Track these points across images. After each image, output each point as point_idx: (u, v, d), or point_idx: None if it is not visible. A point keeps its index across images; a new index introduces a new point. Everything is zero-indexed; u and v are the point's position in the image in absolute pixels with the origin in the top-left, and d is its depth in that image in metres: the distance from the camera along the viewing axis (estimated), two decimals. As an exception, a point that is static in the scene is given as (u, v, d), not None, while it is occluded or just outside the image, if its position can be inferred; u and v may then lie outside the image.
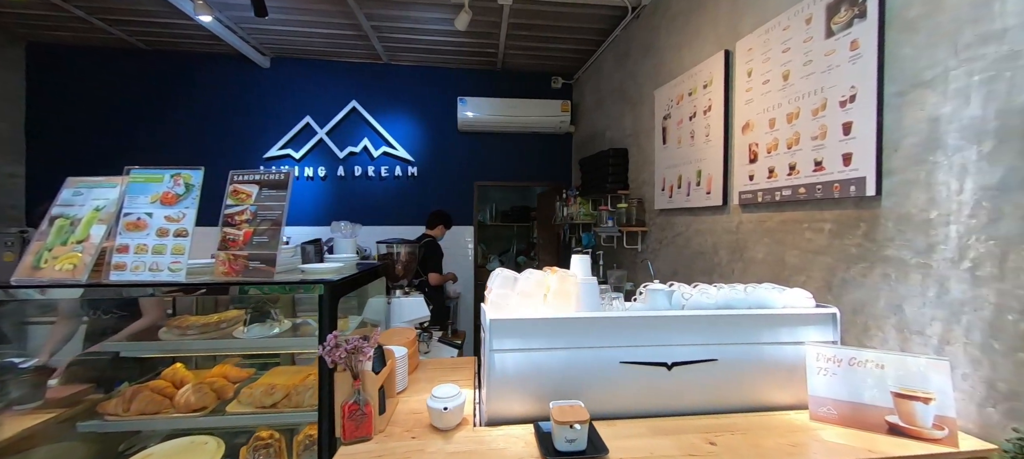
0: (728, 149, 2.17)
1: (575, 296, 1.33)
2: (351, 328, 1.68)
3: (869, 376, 1.22)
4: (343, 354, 1.15)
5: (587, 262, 1.47)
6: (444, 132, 4.65)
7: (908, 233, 1.34)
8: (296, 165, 4.47)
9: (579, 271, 1.44)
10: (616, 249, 3.55)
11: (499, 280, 1.36)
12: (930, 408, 1.14)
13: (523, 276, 1.37)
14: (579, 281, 1.33)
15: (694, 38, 2.49)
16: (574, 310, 1.32)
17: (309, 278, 1.30)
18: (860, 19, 1.46)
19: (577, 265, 1.47)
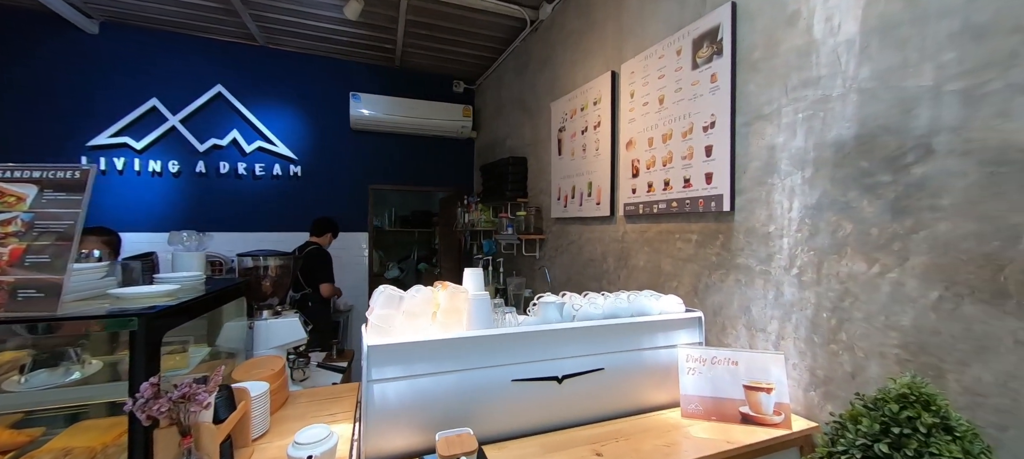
0: (615, 163, 2.32)
1: (466, 313, 1.25)
2: (193, 364, 1.36)
3: (726, 372, 1.37)
4: (166, 406, 0.90)
5: (480, 276, 1.41)
6: (334, 129, 4.23)
7: (754, 244, 1.55)
8: (136, 157, 3.63)
9: (471, 286, 1.37)
10: (516, 256, 3.59)
11: (382, 299, 1.21)
12: (771, 397, 1.31)
13: (409, 294, 1.24)
14: (471, 297, 1.25)
15: (586, 57, 2.63)
16: (465, 328, 1.24)
17: (119, 309, 0.99)
18: (718, 56, 1.66)
19: (469, 279, 1.40)
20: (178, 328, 1.15)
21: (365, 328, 1.22)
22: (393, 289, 1.29)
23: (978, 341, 1.00)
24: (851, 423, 0.92)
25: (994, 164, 0.98)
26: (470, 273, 1.41)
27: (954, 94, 1.05)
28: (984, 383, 0.99)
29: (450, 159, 4.71)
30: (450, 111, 4.39)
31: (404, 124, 4.26)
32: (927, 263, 1.09)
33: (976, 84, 1.01)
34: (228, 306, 1.61)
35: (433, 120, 4.32)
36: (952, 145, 1.05)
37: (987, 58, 1.00)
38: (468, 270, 1.41)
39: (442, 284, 1.36)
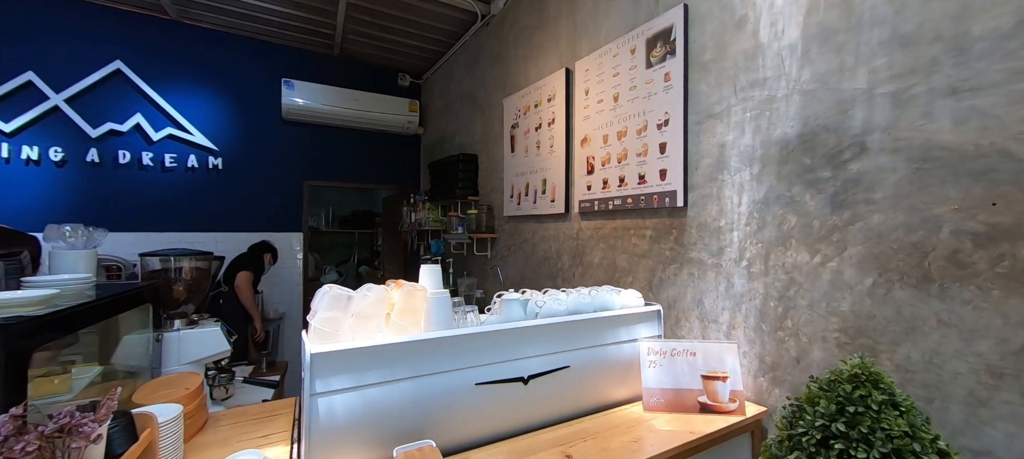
0: (569, 160, 2.31)
1: (424, 313, 1.14)
2: (78, 388, 1.10)
3: (685, 364, 1.39)
4: (35, 444, 0.69)
5: (437, 273, 1.30)
6: (263, 119, 3.82)
7: (706, 238, 1.60)
8: (4, 141, 2.99)
9: (428, 283, 1.26)
10: (466, 256, 3.48)
11: (327, 300, 1.06)
12: (727, 385, 1.35)
13: (359, 293, 1.10)
14: (429, 295, 1.14)
15: (539, 53, 2.61)
16: (423, 329, 1.13)
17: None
18: (671, 56, 1.71)
19: (426, 277, 1.28)
20: (56, 344, 0.91)
21: (306, 334, 1.07)
22: (339, 289, 1.14)
23: (907, 323, 1.10)
24: (809, 405, 0.95)
25: (919, 161, 1.08)
26: (427, 270, 1.29)
27: (885, 96, 1.15)
28: (913, 361, 1.09)
29: (395, 156, 4.48)
30: (395, 105, 4.17)
31: (345, 116, 3.96)
32: (863, 252, 1.18)
33: (904, 88, 1.11)
34: (127, 316, 1.34)
35: (377, 114, 4.07)
36: (883, 143, 1.15)
37: (912, 64, 1.10)
38: (425, 267, 1.30)
39: (396, 282, 1.24)
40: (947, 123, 1.04)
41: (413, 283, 1.27)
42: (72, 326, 0.91)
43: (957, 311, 1.02)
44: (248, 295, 3.03)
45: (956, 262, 1.02)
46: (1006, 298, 0.95)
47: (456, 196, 3.29)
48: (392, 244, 5.09)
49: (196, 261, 1.61)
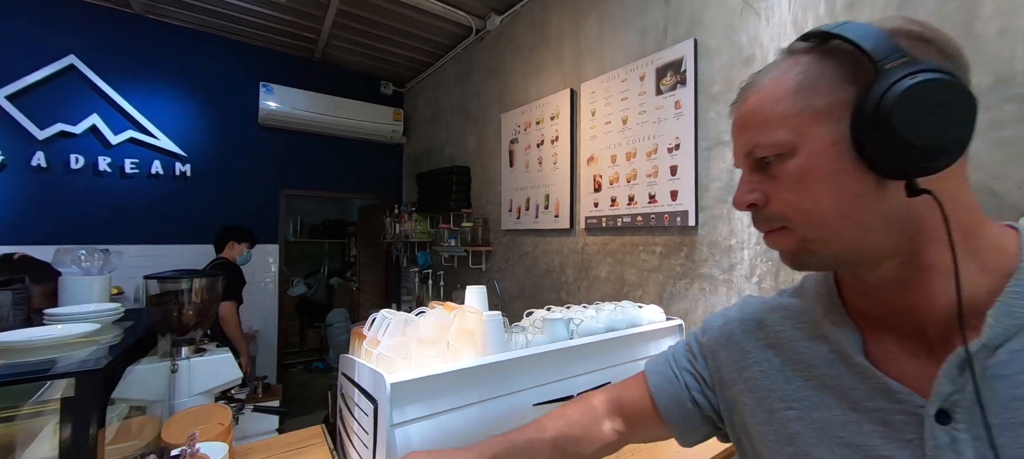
0: (574, 178, 2.39)
1: (480, 335, 1.15)
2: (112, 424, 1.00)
3: (709, 374, 1.49)
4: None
5: (484, 294, 1.32)
6: (238, 124, 3.60)
7: (717, 256, 1.73)
8: (-74, 143, 2.61)
9: (478, 304, 1.27)
10: (458, 269, 3.47)
11: (390, 325, 1.05)
12: (746, 393, 1.46)
13: (418, 318, 1.10)
14: (485, 318, 1.16)
15: (539, 71, 2.69)
16: (480, 351, 1.14)
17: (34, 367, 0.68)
18: (682, 85, 1.84)
19: (474, 298, 1.30)
20: (101, 385, 0.84)
21: (364, 360, 1.05)
22: (393, 313, 1.13)
23: (906, 332, 1.26)
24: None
25: (914, 192, 1.25)
26: (474, 291, 1.31)
27: (883, 135, 1.31)
28: (912, 366, 1.25)
29: (376, 165, 4.37)
30: (379, 113, 4.08)
31: (326, 123, 3.82)
32: (865, 271, 1.34)
33: (899, 129, 1.28)
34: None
35: (359, 121, 3.96)
36: (882, 176, 1.31)
37: (907, 109, 1.27)
38: (471, 288, 1.31)
39: (445, 305, 1.24)
40: (937, 161, 1.21)
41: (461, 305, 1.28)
42: (127, 363, 0.84)
43: (949, 323, 1.19)
44: (234, 325, 2.69)
45: (947, 280, 1.19)
46: (990, 311, 1.12)
47: (449, 208, 3.28)
48: (370, 255, 4.94)
49: (204, 281, 1.51)
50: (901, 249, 0.39)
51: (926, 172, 0.35)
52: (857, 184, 0.38)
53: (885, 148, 0.35)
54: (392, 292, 4.40)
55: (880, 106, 0.34)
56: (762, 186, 0.43)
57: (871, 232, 0.38)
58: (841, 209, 0.39)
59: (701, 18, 1.81)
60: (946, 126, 0.34)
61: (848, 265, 0.42)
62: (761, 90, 0.43)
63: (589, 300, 2.28)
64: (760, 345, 0.52)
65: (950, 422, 0.37)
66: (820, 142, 0.39)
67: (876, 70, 0.35)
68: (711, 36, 1.77)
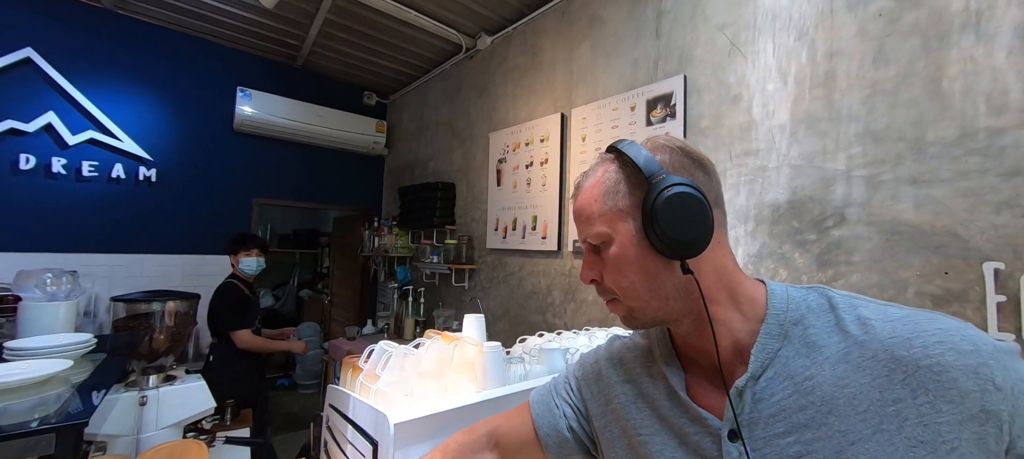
0: (563, 200, 2.42)
1: (481, 367, 1.13)
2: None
3: (698, 403, 1.52)
4: None
5: (482, 323, 1.30)
6: (211, 128, 3.43)
7: (703, 284, 1.78)
8: None
9: (476, 334, 1.25)
10: (439, 286, 3.41)
11: (384, 359, 1.01)
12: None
13: (420, 350, 1.07)
14: (485, 350, 1.13)
15: (530, 94, 2.72)
16: (482, 384, 1.12)
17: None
18: (671, 119, 1.90)
19: (473, 327, 1.27)
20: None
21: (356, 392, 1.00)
22: (392, 345, 1.09)
23: (882, 365, 1.33)
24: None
25: (889, 233, 1.34)
26: (472, 320, 1.28)
27: (860, 178, 1.41)
28: (887, 397, 1.32)
29: (355, 176, 4.26)
30: (362, 124, 4.00)
31: (305, 132, 3.71)
32: (845, 305, 1.41)
33: (875, 173, 1.38)
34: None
35: (341, 131, 3.87)
36: (859, 216, 1.40)
37: (882, 155, 1.37)
38: (470, 317, 1.29)
39: (441, 334, 1.21)
40: (910, 205, 1.31)
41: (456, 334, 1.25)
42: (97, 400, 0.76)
43: (921, 357, 1.26)
44: (259, 344, 2.53)
45: (919, 317, 1.27)
46: (958, 348, 1.21)
47: (433, 224, 3.23)
48: (345, 267, 4.79)
49: (179, 302, 1.41)
50: (691, 309, 0.51)
51: (691, 255, 0.47)
52: (653, 265, 0.49)
53: (661, 240, 0.47)
54: (367, 307, 4.26)
55: (653, 210, 0.47)
56: (597, 266, 0.54)
57: (670, 300, 0.50)
58: (647, 285, 0.50)
59: (691, 56, 1.89)
60: (694, 223, 0.46)
61: (662, 324, 0.54)
62: (585, 192, 0.54)
63: (576, 323, 2.29)
64: (620, 380, 0.62)
65: (737, 439, 0.47)
66: (626, 234, 0.50)
67: (649, 184, 0.48)
68: (700, 74, 1.85)
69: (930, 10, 1.30)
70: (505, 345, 1.31)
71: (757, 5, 1.69)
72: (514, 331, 2.69)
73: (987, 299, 1.15)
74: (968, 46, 1.23)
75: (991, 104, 1.19)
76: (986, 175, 1.19)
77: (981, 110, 1.21)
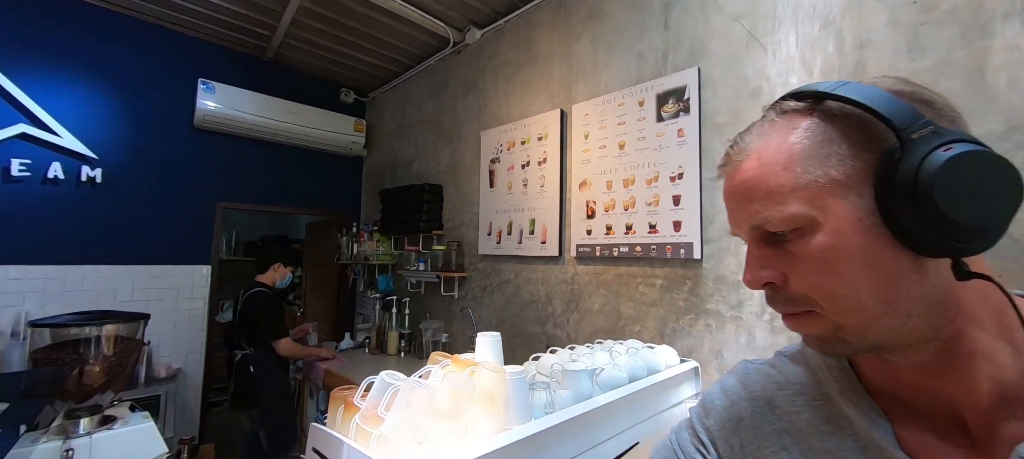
0: (564, 202, 2.26)
1: (502, 399, 0.95)
2: None
3: (729, 423, 1.38)
4: None
5: (498, 343, 1.11)
6: (168, 124, 3.09)
7: (724, 291, 1.66)
8: None
9: (493, 357, 1.06)
10: (425, 295, 3.18)
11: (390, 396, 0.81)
12: (767, 441, 1.37)
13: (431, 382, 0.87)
14: (508, 379, 0.95)
15: (525, 90, 2.56)
16: (504, 419, 0.93)
17: None
18: (685, 114, 1.78)
19: (488, 348, 1.09)
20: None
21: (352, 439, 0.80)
22: (393, 376, 0.89)
23: (929, 377, 1.23)
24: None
25: (932, 234, 1.25)
26: (487, 340, 1.10)
27: (897, 176, 1.31)
28: (936, 412, 1.22)
29: (330, 178, 3.97)
30: (339, 122, 3.72)
31: (274, 130, 3.40)
32: (884, 312, 1.31)
33: (914, 170, 1.29)
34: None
35: (316, 130, 3.58)
36: (898, 216, 1.30)
37: (921, 151, 1.28)
38: (484, 336, 1.10)
39: (453, 359, 1.02)
40: (954, 204, 1.22)
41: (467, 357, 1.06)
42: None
43: (973, 368, 1.17)
44: (297, 351, 2.68)
45: (969, 324, 1.18)
46: (1014, 357, 1.12)
47: (418, 229, 3.01)
48: (319, 277, 4.46)
49: (122, 327, 1.15)
50: (940, 334, 0.35)
51: (975, 252, 0.32)
52: (893, 264, 0.34)
53: (928, 226, 0.31)
54: (344, 319, 3.96)
55: (917, 180, 0.31)
56: (777, 263, 0.38)
57: (912, 316, 0.34)
58: (880, 292, 0.34)
59: (704, 48, 1.78)
60: (996, 203, 0.32)
61: (884, 351, 0.38)
62: (759, 155, 0.38)
63: (580, 334, 2.13)
64: (775, 431, 0.45)
65: None
66: (844, 217, 0.35)
67: (900, 139, 0.32)
68: (715, 66, 1.74)
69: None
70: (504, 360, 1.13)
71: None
72: (510, 343, 2.50)
73: (1048, 304, 1.06)
74: (1013, 35, 1.16)
75: (1042, 95, 1.12)
76: (1039, 171, 1.11)
77: (1031, 102, 1.13)
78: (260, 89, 3.34)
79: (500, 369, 0.94)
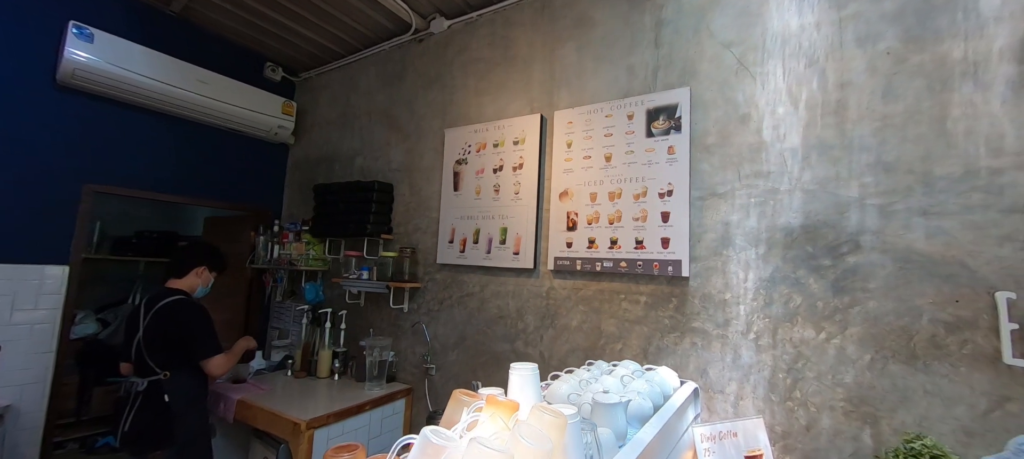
0: (541, 212, 2.14)
1: (561, 451, 0.77)
2: None
3: (731, 446, 1.36)
4: None
5: (536, 378, 0.93)
6: (18, 77, 2.29)
7: (710, 309, 1.68)
8: None
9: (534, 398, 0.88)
10: (366, 308, 2.80)
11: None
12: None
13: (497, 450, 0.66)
14: (567, 423, 0.78)
15: (500, 91, 2.41)
16: (565, 475, 0.76)
17: None
18: (676, 131, 1.80)
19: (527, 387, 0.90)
20: None
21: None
22: (440, 434, 0.67)
23: (901, 393, 1.35)
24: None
25: (903, 261, 1.38)
26: (522, 374, 0.91)
27: (873, 207, 1.44)
28: (907, 424, 1.33)
29: (245, 166, 3.34)
30: (264, 102, 3.16)
31: (176, 101, 2.75)
32: (862, 332, 1.41)
33: (887, 202, 1.42)
34: None
35: (232, 107, 2.98)
36: (874, 243, 1.42)
37: (894, 186, 1.41)
38: (520, 368, 0.91)
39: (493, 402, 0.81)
40: (921, 235, 1.36)
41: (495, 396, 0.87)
42: None
43: (938, 383, 1.30)
44: (230, 361, 2.06)
45: (934, 344, 1.31)
46: (971, 373, 1.26)
47: (365, 233, 2.64)
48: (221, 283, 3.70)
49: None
50: None
51: None
52: None
53: None
54: (255, 334, 3.32)
55: None
56: None
57: None
58: None
59: (695, 69, 1.81)
60: None
61: None
62: None
63: (555, 352, 2.01)
64: None
65: None
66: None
67: None
68: (706, 89, 1.78)
69: (933, 55, 1.40)
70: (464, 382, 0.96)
71: (766, 28, 1.68)
72: (471, 363, 2.29)
73: (1001, 327, 1.22)
74: (968, 92, 1.34)
75: (990, 146, 1.30)
76: (989, 210, 1.28)
77: (982, 151, 1.31)
78: (160, 48, 2.68)
79: (561, 414, 0.77)
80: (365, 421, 2.18)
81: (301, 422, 1.89)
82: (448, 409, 0.87)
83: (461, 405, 0.85)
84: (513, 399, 0.86)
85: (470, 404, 0.82)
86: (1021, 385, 1.20)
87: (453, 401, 0.86)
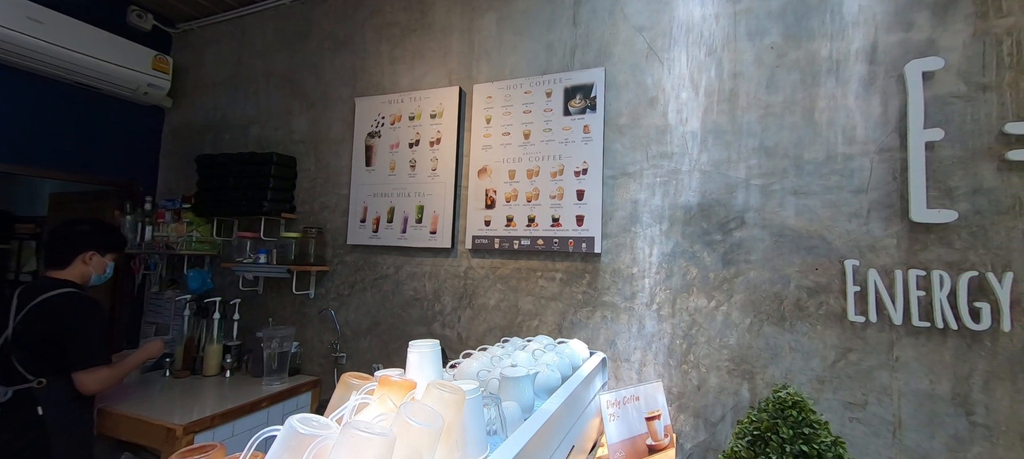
0: (459, 189, 2.07)
1: (460, 427, 0.73)
2: None
3: (634, 410, 1.45)
4: None
5: (437, 355, 0.87)
6: None
7: (619, 284, 1.76)
8: None
9: (434, 375, 0.83)
10: (264, 296, 2.51)
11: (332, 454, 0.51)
12: (661, 422, 1.49)
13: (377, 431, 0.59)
14: (467, 397, 0.73)
15: (417, 59, 2.25)
16: (463, 452, 0.72)
17: None
18: (591, 111, 1.83)
19: (426, 363, 0.84)
20: None
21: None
22: (310, 422, 0.59)
23: (772, 350, 1.53)
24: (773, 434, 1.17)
25: (777, 235, 1.55)
26: (424, 351, 0.84)
27: (756, 187, 1.59)
28: (776, 378, 1.51)
29: (106, 132, 2.77)
30: (127, 53, 2.61)
31: (12, 44, 2.16)
32: (744, 299, 1.58)
33: (767, 183, 1.58)
34: None
35: (85, 56, 2.43)
36: (756, 220, 1.58)
37: (772, 168, 1.58)
38: (419, 346, 0.84)
39: (383, 380, 0.74)
40: (792, 212, 1.54)
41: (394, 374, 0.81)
42: None
43: (800, 340, 1.50)
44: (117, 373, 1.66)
45: (798, 307, 1.51)
46: (825, 330, 1.47)
47: (262, 212, 2.34)
48: (76, 272, 3.07)
49: None
50: None
51: None
52: None
53: None
54: (124, 330, 2.83)
55: None
56: None
57: None
58: None
59: (610, 51, 1.85)
60: None
61: None
62: None
63: (473, 332, 1.98)
64: None
65: None
66: None
67: None
68: (619, 70, 1.83)
69: (806, 52, 1.57)
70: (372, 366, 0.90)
71: (673, 16, 1.76)
72: (386, 349, 2.17)
73: (847, 289, 1.43)
74: (831, 87, 1.53)
75: (845, 135, 1.50)
76: (842, 191, 1.49)
77: (839, 139, 1.51)
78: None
79: (458, 390, 0.72)
80: (262, 419, 1.96)
81: (177, 427, 1.63)
82: (335, 395, 0.78)
83: (350, 389, 0.76)
84: (411, 378, 0.80)
85: (360, 387, 0.74)
86: (860, 338, 1.42)
87: (341, 386, 0.77)
